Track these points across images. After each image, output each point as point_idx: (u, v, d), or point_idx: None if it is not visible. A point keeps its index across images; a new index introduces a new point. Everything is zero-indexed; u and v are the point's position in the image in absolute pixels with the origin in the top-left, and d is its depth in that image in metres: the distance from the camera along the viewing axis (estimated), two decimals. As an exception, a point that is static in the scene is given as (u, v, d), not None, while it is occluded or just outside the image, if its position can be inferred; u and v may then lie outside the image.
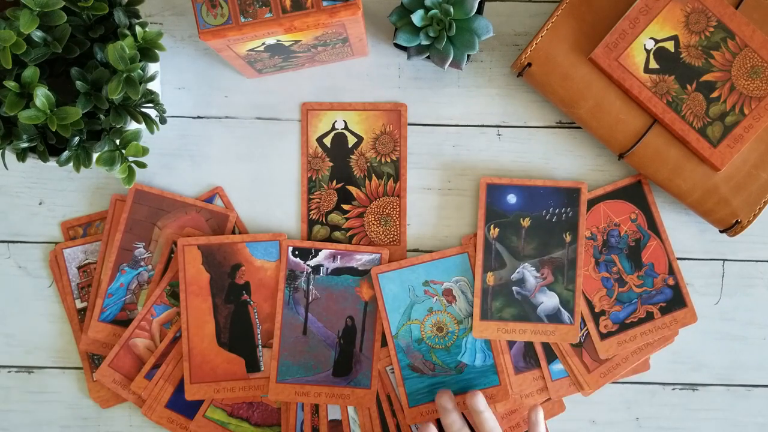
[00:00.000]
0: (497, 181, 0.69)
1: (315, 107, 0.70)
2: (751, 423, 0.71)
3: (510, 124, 0.71)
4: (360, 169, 0.70)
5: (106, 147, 0.60)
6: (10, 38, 0.54)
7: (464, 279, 0.69)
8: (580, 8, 0.66)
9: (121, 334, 0.69)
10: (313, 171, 0.71)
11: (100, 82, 0.58)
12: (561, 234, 0.69)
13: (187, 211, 0.70)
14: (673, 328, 0.69)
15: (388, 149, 0.70)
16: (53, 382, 0.71)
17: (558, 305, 0.68)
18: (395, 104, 0.70)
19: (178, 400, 0.69)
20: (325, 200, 0.70)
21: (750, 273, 0.71)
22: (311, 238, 0.70)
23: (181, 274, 0.69)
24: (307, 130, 0.71)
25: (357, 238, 0.70)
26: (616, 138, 0.66)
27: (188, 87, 0.71)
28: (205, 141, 0.71)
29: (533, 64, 0.66)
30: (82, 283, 0.70)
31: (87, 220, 0.71)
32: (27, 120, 0.55)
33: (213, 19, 0.55)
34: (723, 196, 0.66)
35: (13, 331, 0.71)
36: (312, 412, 0.69)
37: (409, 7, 0.63)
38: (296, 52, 0.63)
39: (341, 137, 0.71)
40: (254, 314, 0.69)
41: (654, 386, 0.71)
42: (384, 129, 0.70)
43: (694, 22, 0.64)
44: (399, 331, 0.68)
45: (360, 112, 0.70)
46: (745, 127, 0.64)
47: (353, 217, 0.70)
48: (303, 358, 0.68)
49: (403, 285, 0.69)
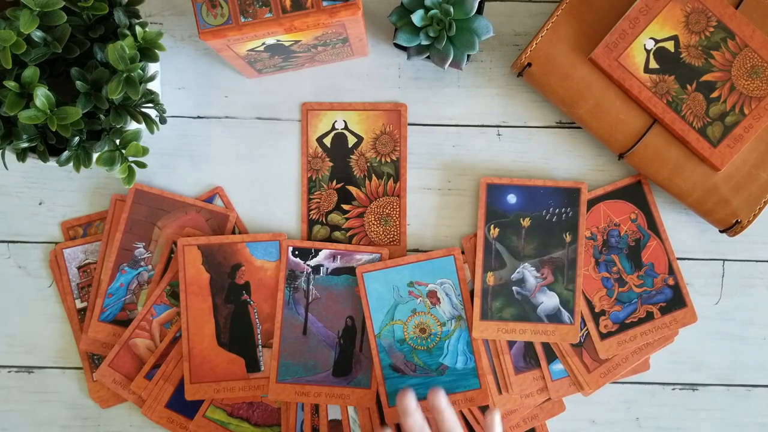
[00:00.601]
0: (497, 181, 0.69)
1: (315, 107, 0.70)
2: (751, 423, 0.71)
3: (510, 124, 0.71)
4: (360, 169, 0.70)
5: (106, 147, 0.60)
6: (10, 38, 0.54)
7: (449, 281, 0.69)
8: (580, 8, 0.66)
9: (121, 334, 0.69)
10: (313, 171, 0.71)
11: (100, 82, 0.58)
12: (561, 234, 0.69)
13: (187, 211, 0.70)
14: (673, 328, 0.69)
15: (388, 149, 0.70)
16: (53, 382, 0.71)
17: (558, 305, 0.68)
18: (395, 104, 0.70)
19: (178, 400, 0.69)
20: (325, 200, 0.70)
21: (750, 273, 0.71)
22: (311, 238, 0.70)
23: (181, 274, 0.69)
24: (307, 130, 0.71)
25: (357, 238, 0.70)
26: (616, 138, 0.66)
27: (188, 87, 0.71)
28: (205, 141, 0.71)
29: (533, 64, 0.66)
30: (82, 283, 0.70)
31: (87, 220, 0.71)
32: (27, 120, 0.55)
33: (213, 19, 0.55)
34: (723, 196, 0.66)
35: (13, 331, 0.71)
36: (312, 412, 0.69)
37: (409, 7, 0.63)
38: (296, 52, 0.63)
39: (341, 137, 0.71)
40: (254, 314, 0.69)
41: (654, 386, 0.71)
42: (384, 129, 0.70)
43: (694, 22, 0.64)
44: (382, 330, 0.68)
45: (360, 112, 0.70)
46: (745, 127, 0.64)
47: (353, 217, 0.70)
48: (303, 358, 0.68)
49: (387, 285, 0.69)
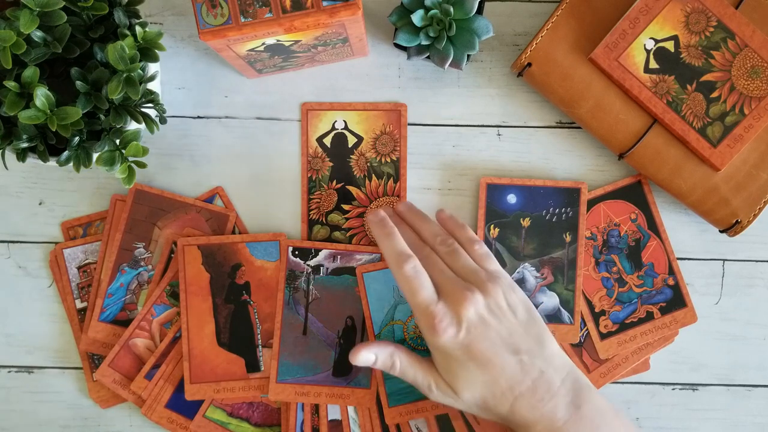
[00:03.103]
0: (497, 181, 0.69)
1: (315, 107, 0.70)
2: (751, 423, 0.71)
3: (510, 124, 0.71)
4: (360, 169, 0.70)
5: (106, 147, 0.60)
6: (10, 38, 0.54)
7: None
8: (580, 8, 0.66)
9: (121, 334, 0.69)
10: (313, 171, 0.71)
11: (100, 82, 0.58)
12: (561, 234, 0.69)
13: (187, 211, 0.70)
14: (673, 328, 0.69)
15: (388, 149, 0.70)
16: (53, 382, 0.71)
17: (558, 305, 0.68)
18: (395, 104, 0.70)
19: (178, 400, 0.69)
20: (325, 200, 0.70)
21: (750, 273, 0.71)
22: (311, 238, 0.70)
23: (181, 274, 0.69)
24: (307, 130, 0.71)
25: (357, 238, 0.70)
26: (616, 138, 0.66)
27: (188, 87, 0.71)
28: (205, 141, 0.71)
29: (533, 64, 0.66)
30: (82, 283, 0.70)
31: (87, 220, 0.71)
32: (27, 120, 0.55)
33: (213, 19, 0.55)
34: (723, 196, 0.66)
35: (13, 331, 0.71)
36: (312, 412, 0.69)
37: (409, 7, 0.63)
38: (296, 52, 0.63)
39: (341, 137, 0.71)
40: (254, 314, 0.69)
41: (654, 386, 0.71)
42: (384, 129, 0.70)
43: (694, 22, 0.64)
44: (382, 331, 0.68)
45: (360, 112, 0.70)
46: (745, 127, 0.64)
47: (353, 217, 0.70)
48: (303, 358, 0.68)
49: (387, 285, 0.69)
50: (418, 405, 0.68)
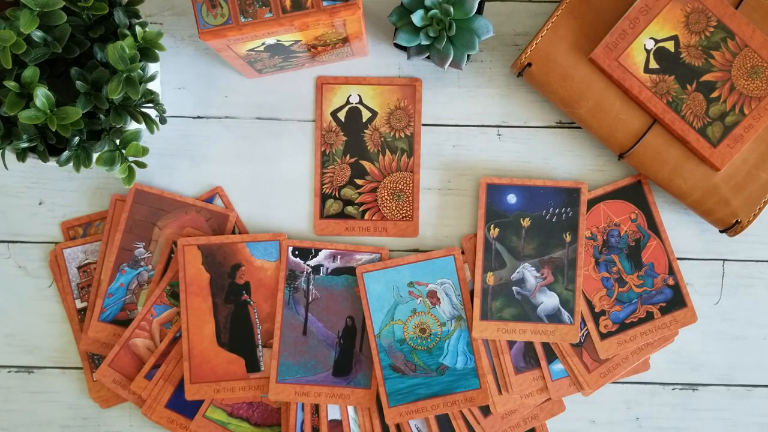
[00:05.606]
0: (497, 181, 0.69)
1: (330, 81, 0.70)
2: (751, 423, 0.71)
3: (510, 124, 0.71)
4: (374, 143, 0.70)
5: (106, 147, 0.60)
6: (10, 38, 0.54)
7: (449, 281, 0.69)
8: (580, 8, 0.66)
9: (121, 334, 0.69)
10: (327, 145, 0.70)
11: (100, 82, 0.58)
12: (561, 234, 0.69)
13: (187, 211, 0.70)
14: (673, 328, 0.69)
15: (402, 124, 0.70)
16: (53, 382, 0.71)
17: (558, 305, 0.68)
18: (410, 79, 0.70)
19: (178, 400, 0.69)
20: (338, 174, 0.70)
21: (750, 273, 0.71)
22: (324, 213, 0.70)
23: (181, 274, 0.69)
24: (321, 104, 0.70)
25: (370, 213, 0.70)
26: (616, 138, 0.66)
27: (188, 87, 0.71)
28: (205, 141, 0.71)
29: (533, 64, 0.66)
30: (82, 283, 0.70)
31: (87, 220, 0.71)
32: (27, 120, 0.55)
33: (213, 19, 0.55)
34: (723, 196, 0.66)
35: (13, 331, 0.71)
36: (312, 412, 0.69)
37: (409, 7, 0.63)
38: (296, 52, 0.63)
39: (355, 111, 0.71)
40: (254, 314, 0.69)
41: (654, 386, 0.71)
42: (398, 104, 0.70)
43: (694, 22, 0.64)
44: (382, 330, 0.68)
45: (374, 87, 0.70)
46: (745, 127, 0.64)
47: (366, 192, 0.70)
48: (303, 358, 0.68)
49: (387, 285, 0.69)
50: (418, 405, 0.68)
